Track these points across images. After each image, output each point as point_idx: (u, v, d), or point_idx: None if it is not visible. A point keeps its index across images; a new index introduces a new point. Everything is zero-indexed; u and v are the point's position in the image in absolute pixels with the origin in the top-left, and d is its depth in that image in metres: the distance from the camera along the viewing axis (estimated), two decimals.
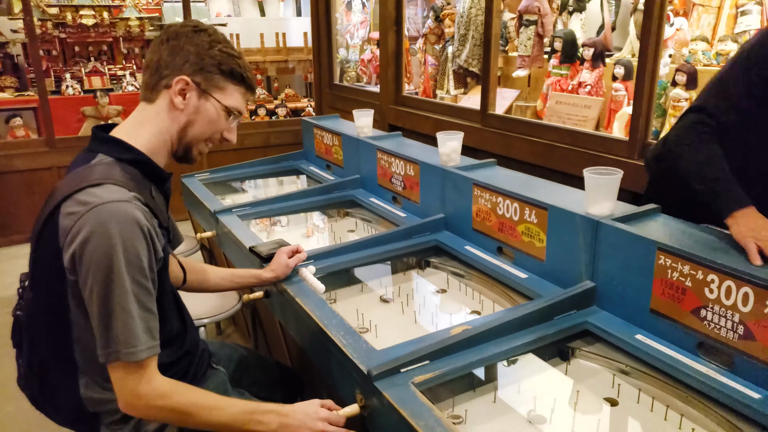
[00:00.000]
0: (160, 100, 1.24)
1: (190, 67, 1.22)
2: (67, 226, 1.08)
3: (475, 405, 1.26)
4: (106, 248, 1.06)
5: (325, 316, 1.48)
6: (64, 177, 1.19)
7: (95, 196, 1.09)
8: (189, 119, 1.25)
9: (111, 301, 1.07)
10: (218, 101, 1.25)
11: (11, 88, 6.02)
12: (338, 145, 2.82)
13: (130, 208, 1.10)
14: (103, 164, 1.16)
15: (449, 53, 4.08)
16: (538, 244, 1.62)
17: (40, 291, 1.17)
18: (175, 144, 1.27)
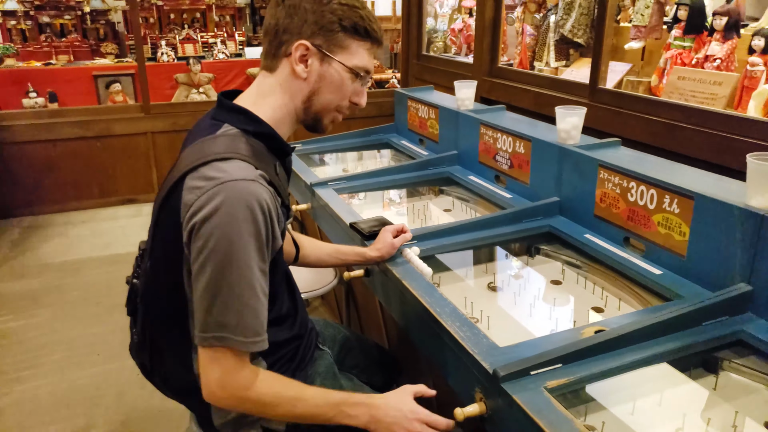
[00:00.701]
0: (281, 69, 1.16)
1: (308, 28, 1.12)
2: (189, 201, 1.02)
3: (610, 417, 1.13)
4: (227, 229, 0.99)
5: (436, 303, 1.38)
6: (187, 145, 1.13)
7: (222, 172, 1.02)
8: (313, 88, 1.16)
9: (224, 285, 1.00)
10: (342, 63, 1.15)
11: (112, 54, 6.24)
12: (434, 118, 2.69)
13: (256, 188, 1.02)
14: (228, 136, 1.10)
15: (551, 22, 3.83)
16: (678, 237, 1.44)
17: (158, 262, 1.12)
18: (301, 114, 1.19)
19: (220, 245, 0.99)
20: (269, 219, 1.04)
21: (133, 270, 1.24)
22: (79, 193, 4.53)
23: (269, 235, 1.05)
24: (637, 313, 1.36)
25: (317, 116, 1.20)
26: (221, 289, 1.01)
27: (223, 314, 1.01)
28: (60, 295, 3.23)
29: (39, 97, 5.46)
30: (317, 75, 1.15)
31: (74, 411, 2.30)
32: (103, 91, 5.62)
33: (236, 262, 1.00)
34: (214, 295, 1.01)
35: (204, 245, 1.00)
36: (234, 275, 1.00)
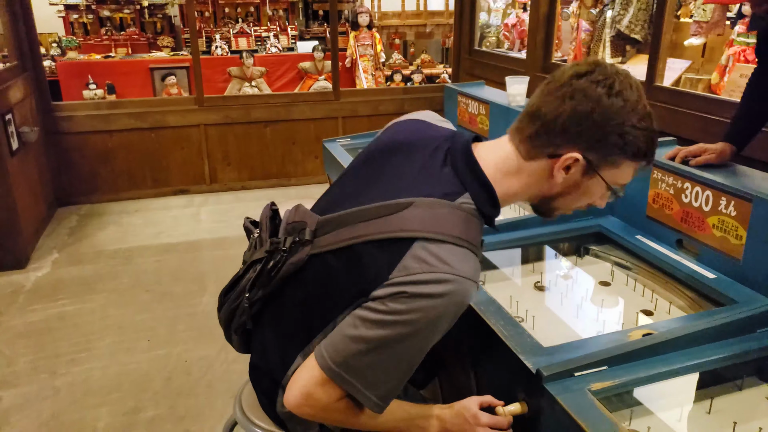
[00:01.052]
0: (538, 163, 1.04)
1: (587, 141, 0.99)
2: (412, 269, 0.97)
3: (656, 422, 1.10)
4: (434, 316, 0.97)
5: (481, 301, 1.37)
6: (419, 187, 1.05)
7: (455, 262, 0.98)
8: (563, 191, 1.07)
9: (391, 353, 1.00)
10: (605, 180, 1.04)
11: (168, 47, 6.40)
12: (485, 114, 2.67)
13: (471, 290, 1.00)
14: (468, 213, 1.04)
15: (608, 18, 3.74)
16: (734, 240, 1.39)
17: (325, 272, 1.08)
18: (536, 202, 1.13)
19: (417, 324, 0.98)
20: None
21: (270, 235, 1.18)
22: (133, 182, 4.67)
23: None
24: (688, 318, 1.32)
25: (552, 209, 1.13)
26: (385, 352, 1.00)
27: (369, 369, 1.02)
28: (113, 281, 3.35)
29: (98, 88, 5.66)
30: (574, 182, 1.05)
31: (125, 394, 2.38)
32: (159, 83, 5.78)
33: (417, 344, 1.01)
34: (374, 351, 1.00)
35: (403, 312, 0.97)
36: (407, 352, 1.01)
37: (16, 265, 3.49)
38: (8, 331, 2.83)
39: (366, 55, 6.41)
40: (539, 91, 1.04)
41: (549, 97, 1.01)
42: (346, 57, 6.45)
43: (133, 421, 2.23)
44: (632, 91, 0.99)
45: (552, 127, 1.01)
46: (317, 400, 1.06)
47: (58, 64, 5.93)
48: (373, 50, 6.44)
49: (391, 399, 1.07)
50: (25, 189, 3.76)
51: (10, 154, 3.52)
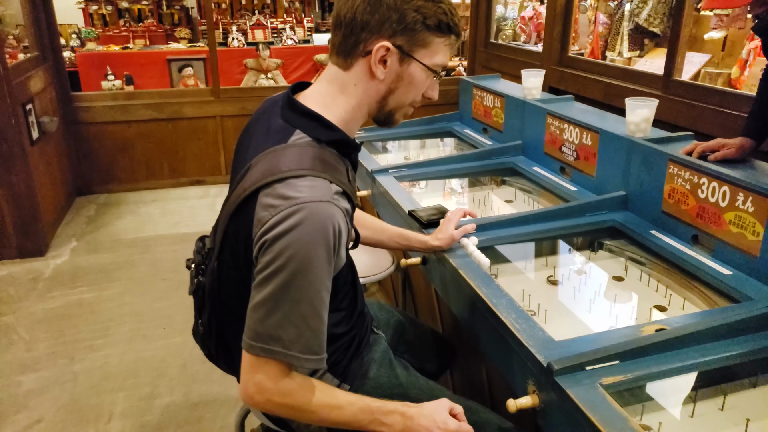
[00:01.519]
0: (357, 68, 1.10)
1: (390, 27, 1.05)
2: (264, 218, 1.01)
3: (668, 417, 1.10)
4: (300, 249, 0.98)
5: (493, 294, 1.37)
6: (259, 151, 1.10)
7: (297, 191, 1.00)
8: (390, 87, 1.11)
9: (287, 301, 1.01)
10: (422, 63, 1.10)
11: (185, 39, 6.43)
12: (500, 107, 2.65)
13: (330, 209, 1.01)
14: (300, 146, 1.07)
15: (626, 11, 3.70)
16: (751, 237, 1.38)
17: (228, 267, 1.13)
18: (374, 112, 1.16)
19: (290, 263, 0.99)
20: (338, 241, 1.04)
21: (197, 264, 1.26)
22: (150, 172, 4.72)
23: (336, 256, 1.05)
24: (703, 314, 1.31)
25: (390, 113, 1.16)
26: (282, 305, 1.01)
27: (279, 328, 1.02)
28: (130, 270, 3.39)
29: (116, 79, 5.71)
30: (395, 75, 1.10)
31: (141, 380, 2.42)
32: (176, 74, 5.82)
33: (304, 282, 1.00)
34: (273, 309, 1.01)
35: (273, 260, 0.99)
36: (300, 294, 1.01)
37: (36, 252, 3.55)
38: (28, 317, 2.89)
39: None
40: (336, 3, 1.10)
41: (343, 3, 1.08)
42: None
43: (149, 407, 2.27)
44: None
45: (353, 25, 1.07)
46: (262, 386, 1.05)
47: (77, 55, 5.99)
48: None
49: (316, 349, 1.05)
50: (45, 178, 3.81)
51: (31, 143, 3.58)
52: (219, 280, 1.16)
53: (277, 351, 1.02)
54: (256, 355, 1.03)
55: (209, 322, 1.21)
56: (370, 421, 1.12)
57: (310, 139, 1.09)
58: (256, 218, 1.02)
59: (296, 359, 1.04)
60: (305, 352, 1.04)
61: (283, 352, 1.02)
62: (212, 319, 1.21)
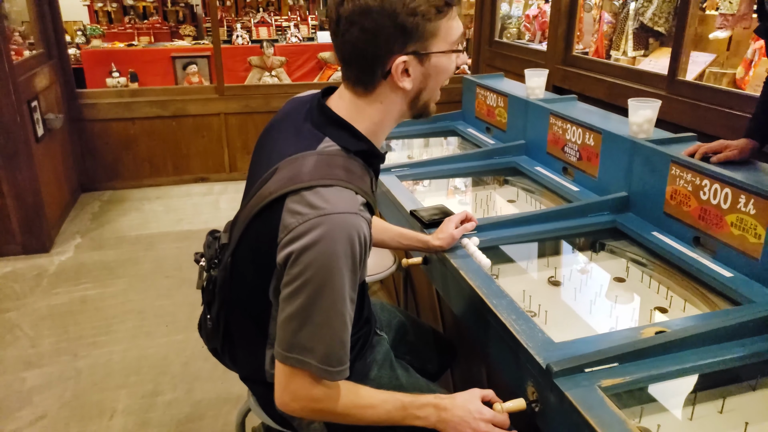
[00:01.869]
0: (381, 88, 1.08)
1: (397, 41, 1.03)
2: (290, 225, 1.01)
3: (667, 420, 1.10)
4: (327, 261, 0.99)
5: (493, 295, 1.37)
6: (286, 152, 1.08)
7: (326, 201, 1.00)
8: (419, 88, 1.10)
9: (316, 313, 1.01)
10: (440, 51, 1.07)
11: (189, 36, 6.44)
12: (503, 106, 2.65)
13: (358, 222, 1.01)
14: (329, 155, 1.07)
15: (631, 10, 3.69)
16: (753, 239, 1.37)
17: (244, 264, 1.14)
18: (407, 112, 1.15)
19: (318, 276, 0.99)
20: (364, 252, 1.04)
21: (208, 258, 1.25)
22: (154, 170, 4.74)
23: (362, 267, 1.06)
24: (703, 316, 1.31)
25: (425, 105, 1.15)
26: (312, 317, 1.02)
27: (310, 340, 1.03)
28: (134, 266, 3.41)
29: (121, 76, 5.73)
30: (422, 76, 1.08)
31: (144, 377, 2.43)
32: (180, 72, 5.83)
33: (332, 294, 1.01)
34: (304, 321, 1.02)
35: (301, 273, 1.00)
36: (328, 305, 1.01)
37: (41, 248, 3.57)
38: (32, 314, 2.90)
39: None
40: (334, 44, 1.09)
41: (340, 39, 1.05)
42: None
43: (152, 404, 2.28)
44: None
45: (363, 55, 1.04)
46: (297, 393, 1.07)
47: (82, 52, 6.01)
48: None
49: (345, 359, 1.06)
50: (50, 175, 3.83)
51: (36, 140, 3.59)
52: (231, 276, 1.16)
53: (309, 363, 1.04)
54: (290, 366, 1.05)
55: (218, 317, 1.22)
56: (404, 417, 1.13)
57: (338, 148, 1.08)
58: (282, 224, 1.02)
59: (327, 372, 1.05)
60: (335, 364, 1.05)
61: (315, 364, 1.04)
62: (221, 314, 1.21)
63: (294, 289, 1.01)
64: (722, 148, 1.59)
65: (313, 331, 1.02)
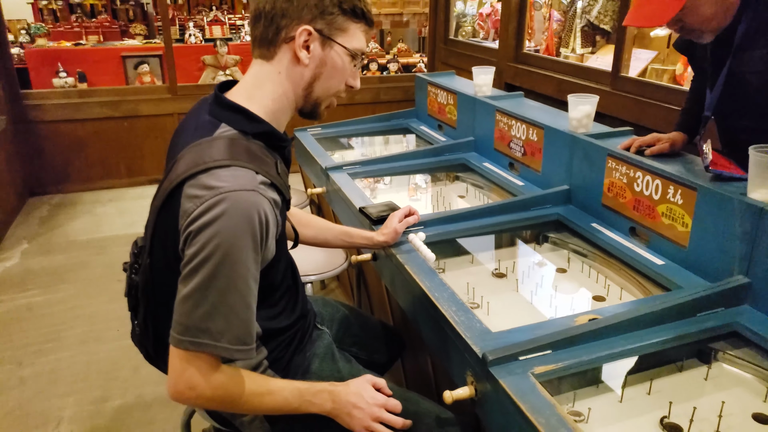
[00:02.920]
0: (281, 56, 1.13)
1: (309, 12, 1.10)
2: (189, 209, 1.01)
3: (598, 403, 1.14)
4: (225, 238, 0.99)
5: (435, 288, 1.40)
6: (183, 139, 1.12)
7: (221, 181, 1.01)
8: (315, 73, 1.14)
9: (213, 291, 1.00)
10: (343, 46, 1.14)
11: (140, 35, 6.31)
12: (453, 104, 2.69)
13: (255, 198, 1.02)
14: (226, 138, 1.08)
15: (578, 8, 3.77)
16: (681, 228, 1.43)
17: (160, 263, 1.13)
18: (301, 102, 1.18)
19: (216, 253, 0.99)
20: (265, 230, 1.04)
21: (131, 263, 1.25)
22: (106, 172, 4.64)
23: (263, 245, 1.05)
24: (634, 303, 1.36)
25: (316, 102, 1.19)
26: (209, 296, 1.01)
27: (207, 320, 1.01)
28: (84, 271, 3.33)
29: (69, 77, 5.58)
30: (319, 60, 1.13)
31: (92, 383, 2.38)
32: (132, 71, 5.71)
33: (231, 272, 1.00)
34: (200, 300, 1.01)
35: (198, 251, 1.00)
36: (227, 283, 1.01)
37: None
38: None
39: None
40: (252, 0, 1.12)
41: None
42: None
43: (100, 410, 2.24)
44: None
45: (273, 14, 1.10)
46: (193, 381, 1.05)
47: (26, 51, 5.82)
48: None
49: (247, 339, 1.05)
50: None
51: None
52: (152, 277, 1.16)
53: (206, 344, 1.02)
54: (185, 349, 1.03)
55: (145, 321, 1.21)
56: (300, 403, 1.15)
57: (235, 132, 1.10)
58: (181, 210, 1.03)
59: (226, 351, 1.03)
60: (235, 342, 1.04)
61: (212, 344, 1.02)
62: (148, 318, 1.20)
63: (190, 268, 1.01)
64: (655, 141, 1.64)
65: (210, 309, 1.01)
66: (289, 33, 1.11)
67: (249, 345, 1.06)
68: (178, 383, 1.05)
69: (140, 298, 1.20)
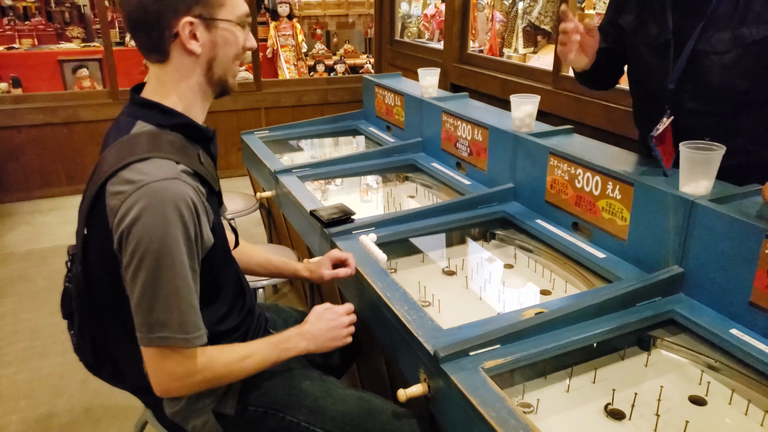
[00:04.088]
0: (174, 54, 1.12)
1: (183, 4, 1.08)
2: (114, 206, 1.02)
3: (546, 394, 1.18)
4: (155, 230, 1.00)
5: (387, 288, 1.42)
6: (108, 147, 1.12)
7: (142, 174, 1.02)
8: (210, 57, 1.14)
9: (160, 285, 1.02)
10: (227, 20, 1.13)
11: (78, 38, 6.11)
12: (400, 105, 2.72)
13: (178, 186, 1.03)
14: (144, 133, 1.09)
15: (519, 9, 3.87)
16: (620, 222, 1.49)
17: (93, 266, 1.12)
18: (208, 87, 1.18)
19: (150, 248, 1.00)
20: (195, 216, 1.06)
21: (66, 274, 1.24)
22: (45, 180, 4.47)
23: (197, 231, 1.07)
24: (578, 295, 1.41)
25: (221, 79, 1.19)
26: (159, 290, 1.03)
27: (165, 313, 1.04)
28: (25, 284, 3.21)
29: (2, 82, 5.35)
30: (210, 43, 1.13)
31: (36, 400, 2.30)
32: (70, 76, 5.52)
33: (169, 262, 1.02)
34: (153, 297, 1.03)
35: (135, 249, 1.01)
36: (169, 274, 1.02)
37: None
38: None
39: (287, 45, 6.35)
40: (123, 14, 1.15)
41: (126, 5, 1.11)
42: (267, 47, 6.37)
43: (46, 428, 2.16)
44: None
45: (147, 19, 1.09)
46: (175, 373, 1.09)
47: None
48: (294, 40, 6.39)
49: (199, 324, 1.09)
50: None
51: None
52: (87, 283, 1.15)
53: (169, 336, 1.05)
54: (156, 346, 1.05)
55: (81, 330, 1.19)
56: (278, 354, 1.22)
57: (152, 127, 1.12)
58: (108, 208, 1.03)
59: (185, 341, 1.06)
60: (191, 330, 1.07)
61: (173, 336, 1.05)
62: (84, 326, 1.19)
63: (134, 268, 1.02)
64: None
65: (164, 303, 1.04)
66: (171, 31, 1.10)
67: (201, 329, 1.10)
68: (162, 381, 1.09)
69: (74, 307, 1.18)
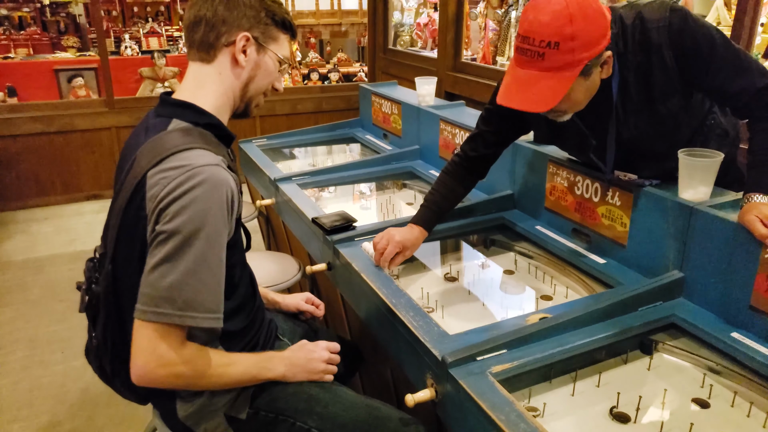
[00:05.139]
0: (221, 59, 1.22)
1: (247, 21, 1.21)
2: (157, 191, 1.05)
3: (552, 398, 1.20)
4: (196, 209, 1.03)
5: (392, 294, 1.44)
6: (140, 146, 1.14)
7: (188, 160, 1.07)
8: (251, 75, 1.25)
9: (182, 261, 1.03)
10: (274, 53, 1.27)
11: (73, 48, 6.11)
12: (397, 113, 2.74)
13: (222, 172, 1.09)
14: (181, 129, 1.15)
15: (512, 18, 3.91)
16: (620, 228, 1.52)
17: (125, 264, 1.13)
18: (238, 101, 1.27)
19: (188, 223, 1.03)
20: (233, 203, 1.11)
21: (87, 277, 1.24)
22: (41, 189, 4.47)
23: (232, 217, 1.12)
24: (580, 301, 1.44)
25: (249, 101, 1.29)
26: (178, 265, 1.03)
27: (173, 289, 1.03)
28: (22, 293, 3.20)
29: None
30: (254, 63, 1.24)
31: (38, 409, 2.30)
32: (66, 85, 5.52)
33: (202, 241, 1.04)
34: (169, 270, 1.03)
35: (170, 221, 1.03)
36: (197, 252, 1.04)
37: None
38: None
39: None
40: (189, 5, 1.22)
41: (199, 4, 1.20)
42: None
43: None
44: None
45: (214, 22, 1.20)
46: (165, 357, 1.07)
47: None
48: None
49: (214, 307, 1.09)
50: None
51: None
52: (115, 283, 1.15)
53: (169, 314, 1.04)
54: (152, 321, 1.04)
55: (104, 333, 1.19)
56: (258, 370, 1.24)
57: (188, 124, 1.16)
58: (148, 197, 1.05)
59: (192, 319, 1.06)
60: (202, 310, 1.07)
61: (176, 314, 1.04)
62: (107, 329, 1.19)
63: (161, 240, 1.03)
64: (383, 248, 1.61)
65: (179, 278, 1.03)
66: (229, 38, 1.21)
67: (217, 313, 1.10)
68: (148, 362, 1.06)
69: (101, 308, 1.18)
